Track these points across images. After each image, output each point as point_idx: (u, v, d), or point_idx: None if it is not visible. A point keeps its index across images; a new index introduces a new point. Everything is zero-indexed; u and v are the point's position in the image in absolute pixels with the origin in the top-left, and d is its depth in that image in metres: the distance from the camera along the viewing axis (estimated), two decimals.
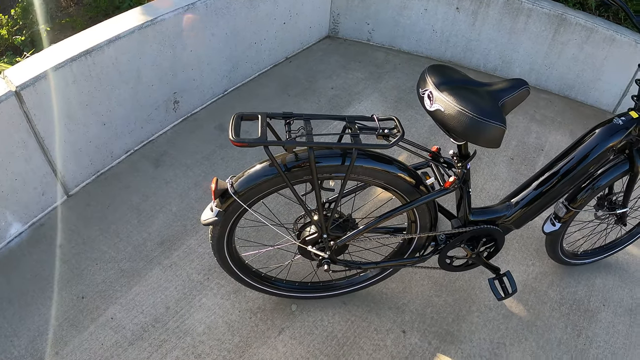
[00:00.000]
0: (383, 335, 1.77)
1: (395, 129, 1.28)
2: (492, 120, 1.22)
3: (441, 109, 1.24)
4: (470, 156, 1.43)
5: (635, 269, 2.12)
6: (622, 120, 1.50)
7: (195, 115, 2.61)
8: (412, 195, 1.44)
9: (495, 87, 1.32)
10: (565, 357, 1.80)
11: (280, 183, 1.31)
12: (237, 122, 1.20)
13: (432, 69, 1.33)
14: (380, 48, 3.34)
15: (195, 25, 2.31)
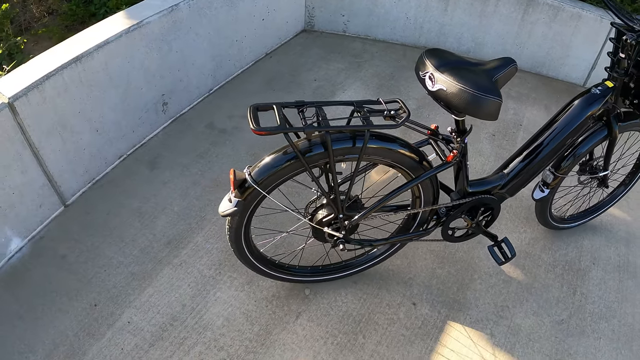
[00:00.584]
0: (395, 309, 1.85)
1: (401, 109, 1.35)
2: (490, 95, 1.31)
3: (443, 88, 1.33)
4: (468, 131, 1.52)
5: (618, 228, 2.28)
6: (599, 90, 1.63)
7: (184, 116, 2.62)
8: (417, 171, 1.52)
9: (488, 66, 1.42)
10: (565, 314, 1.92)
11: (296, 169, 1.37)
12: (254, 113, 1.24)
13: (430, 52, 1.42)
14: (356, 38, 3.42)
15: (180, 26, 2.32)
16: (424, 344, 1.77)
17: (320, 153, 1.34)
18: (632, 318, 1.94)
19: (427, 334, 1.80)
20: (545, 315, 1.91)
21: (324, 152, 1.34)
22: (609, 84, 1.63)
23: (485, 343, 1.80)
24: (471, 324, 1.85)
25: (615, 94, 1.64)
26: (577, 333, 1.87)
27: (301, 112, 1.30)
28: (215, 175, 2.31)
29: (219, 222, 2.09)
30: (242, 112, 2.68)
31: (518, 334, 1.84)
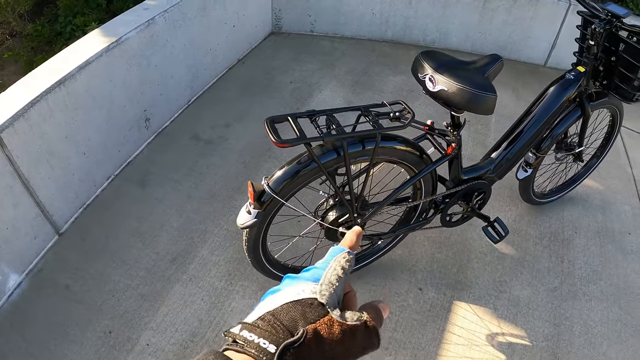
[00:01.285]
0: (404, 296, 1.94)
1: (404, 110, 1.43)
2: (488, 92, 1.41)
3: (445, 89, 1.42)
4: (462, 125, 1.62)
5: (593, 197, 2.47)
6: (573, 75, 1.77)
7: (166, 130, 2.59)
8: (419, 166, 1.60)
9: (479, 64, 1.52)
10: (557, 282, 2.08)
11: (313, 175, 1.41)
12: (272, 125, 1.27)
13: (426, 55, 1.50)
14: (324, 37, 3.47)
15: (157, 40, 2.30)
16: (435, 325, 1.86)
17: (335, 158, 1.39)
18: (616, 278, 2.12)
19: (437, 316, 1.90)
20: (539, 285, 2.05)
21: (337, 157, 1.39)
22: (580, 69, 1.77)
23: (490, 317, 1.92)
24: (475, 301, 1.97)
25: (587, 77, 1.78)
26: (570, 297, 2.03)
27: (314, 121, 1.35)
28: (208, 187, 2.31)
29: (221, 233, 2.11)
30: (224, 121, 2.69)
31: (518, 304, 1.97)
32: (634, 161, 2.75)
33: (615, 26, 1.67)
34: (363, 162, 1.48)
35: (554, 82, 1.81)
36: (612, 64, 1.75)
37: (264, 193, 1.40)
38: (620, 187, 2.56)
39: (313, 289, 0.44)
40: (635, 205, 2.47)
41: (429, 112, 2.90)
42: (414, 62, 1.53)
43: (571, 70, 1.79)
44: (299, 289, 0.44)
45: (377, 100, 2.89)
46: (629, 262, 2.20)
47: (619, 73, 1.74)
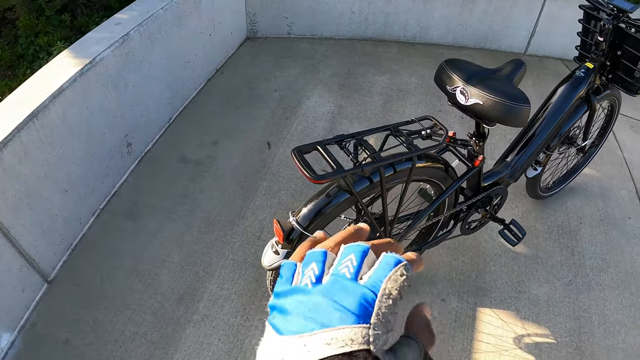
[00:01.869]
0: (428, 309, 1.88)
1: (435, 126, 1.34)
2: (523, 104, 1.34)
3: (480, 103, 1.34)
4: (487, 135, 1.55)
5: (592, 185, 2.49)
6: (583, 72, 1.74)
7: (150, 154, 2.40)
8: (446, 181, 1.53)
9: (505, 71, 1.45)
10: (571, 275, 2.07)
11: (346, 207, 1.31)
12: (301, 158, 1.15)
13: (452, 65, 1.41)
14: (302, 39, 3.33)
15: (133, 57, 2.10)
16: (463, 336, 1.81)
17: (368, 186, 1.29)
18: (624, 264, 2.15)
19: (464, 325, 1.85)
20: (555, 281, 2.04)
21: (370, 184, 1.29)
22: (589, 65, 1.74)
23: (513, 319, 1.89)
24: (497, 305, 1.93)
25: (595, 73, 1.76)
26: (585, 289, 2.03)
27: (344, 147, 1.24)
28: (205, 213, 2.15)
29: (227, 264, 1.97)
30: (211, 138, 2.52)
31: (538, 303, 1.96)
32: (623, 144, 2.80)
33: (623, 21, 1.65)
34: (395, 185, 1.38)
35: (564, 81, 1.78)
36: (617, 57, 1.73)
37: (293, 231, 1.28)
38: (614, 172, 2.60)
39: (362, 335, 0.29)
40: (631, 189, 2.51)
41: (423, 112, 2.84)
42: (439, 73, 1.44)
43: (580, 67, 1.76)
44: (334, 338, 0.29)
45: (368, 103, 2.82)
46: (632, 247, 2.23)
47: (624, 67, 1.73)
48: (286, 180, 2.35)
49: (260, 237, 2.07)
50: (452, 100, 1.43)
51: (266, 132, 2.59)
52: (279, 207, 2.21)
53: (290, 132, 2.60)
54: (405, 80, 3.11)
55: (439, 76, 1.45)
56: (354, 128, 2.68)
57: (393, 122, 2.70)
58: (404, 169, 1.33)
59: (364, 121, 2.74)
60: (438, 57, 3.40)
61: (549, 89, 3.09)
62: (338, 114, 2.78)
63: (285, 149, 2.51)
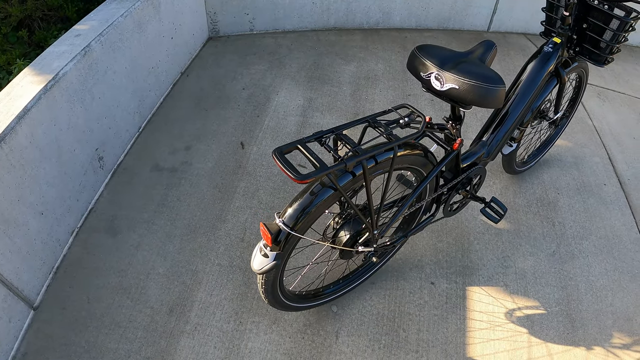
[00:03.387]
0: (419, 294, 1.90)
1: (413, 114, 1.34)
2: (498, 85, 1.35)
3: (455, 87, 1.34)
4: (463, 117, 1.56)
5: (566, 155, 2.54)
6: (550, 48, 1.76)
7: (123, 165, 2.34)
8: (426, 167, 1.53)
9: (477, 53, 1.46)
10: (554, 246, 2.12)
11: (331, 203, 1.30)
12: (283, 158, 1.14)
13: (423, 51, 1.41)
14: (265, 35, 3.29)
15: (97, 68, 2.04)
16: (456, 316, 1.84)
17: (351, 180, 1.28)
18: (604, 230, 2.21)
19: (455, 306, 1.88)
20: (539, 253, 2.09)
21: (353, 177, 1.28)
22: (556, 40, 1.77)
23: (503, 294, 1.93)
24: (486, 282, 1.97)
25: (563, 47, 1.79)
26: (569, 258, 2.08)
27: (324, 144, 1.23)
28: (186, 221, 2.12)
29: (213, 270, 1.94)
30: (184, 143, 2.47)
31: (525, 276, 2.00)
32: (592, 112, 2.87)
33: None
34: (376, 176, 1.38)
35: (532, 57, 1.81)
36: (583, 30, 1.76)
37: (280, 232, 1.27)
38: (585, 141, 2.67)
39: None
40: (603, 155, 2.58)
41: (393, 98, 2.85)
42: (412, 60, 1.44)
43: (547, 43, 1.79)
44: None
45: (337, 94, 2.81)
46: (611, 212, 2.29)
47: (590, 39, 1.76)
48: (264, 179, 2.32)
49: (244, 239, 2.05)
50: (427, 87, 1.43)
51: (238, 132, 2.56)
52: (259, 206, 2.19)
53: (262, 129, 2.57)
54: (373, 67, 3.11)
55: (411, 63, 1.45)
56: (326, 120, 2.67)
57: (364, 110, 2.71)
58: (385, 160, 1.33)
59: (335, 112, 2.73)
60: (402, 41, 3.41)
61: (515, 65, 3.16)
62: (309, 107, 2.76)
63: (259, 147, 2.48)
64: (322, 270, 1.91)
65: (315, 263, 1.75)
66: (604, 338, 1.83)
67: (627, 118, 2.92)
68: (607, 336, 1.84)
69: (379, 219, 1.44)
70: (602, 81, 3.22)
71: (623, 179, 2.48)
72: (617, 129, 2.81)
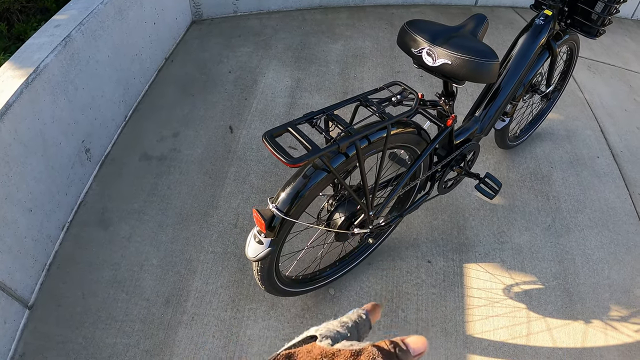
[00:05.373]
0: (416, 273, 1.90)
1: (405, 91, 1.31)
2: (491, 59, 1.32)
3: (448, 62, 1.31)
4: (455, 93, 1.53)
5: (558, 129, 2.53)
6: (542, 20, 1.73)
7: (111, 155, 2.29)
8: (420, 144, 1.51)
9: (468, 27, 1.42)
10: (549, 220, 2.12)
11: (324, 185, 1.28)
12: (273, 142, 1.11)
13: (414, 27, 1.37)
14: (250, 16, 3.21)
15: (79, 58, 1.97)
16: (454, 294, 1.85)
17: (344, 161, 1.26)
18: (598, 203, 2.21)
19: (453, 284, 1.88)
20: (534, 227, 2.09)
21: (347, 158, 1.26)
22: (548, 13, 1.73)
23: (500, 270, 1.94)
24: (482, 259, 1.97)
25: (554, 20, 1.76)
26: (565, 232, 2.09)
27: (315, 125, 1.20)
28: (177, 209, 2.09)
29: (208, 258, 1.92)
30: (171, 130, 2.42)
31: (521, 251, 2.00)
32: (583, 85, 2.86)
33: None
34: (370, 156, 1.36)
35: (524, 30, 1.77)
36: (574, 2, 1.73)
37: (274, 217, 1.25)
38: (577, 114, 2.65)
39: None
40: (595, 128, 2.58)
41: (382, 75, 2.80)
42: (402, 35, 1.40)
43: (538, 16, 1.76)
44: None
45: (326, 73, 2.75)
46: (604, 185, 2.30)
47: (581, 10, 1.73)
48: (254, 163, 2.29)
49: (237, 225, 2.03)
50: (418, 63, 1.40)
51: (226, 116, 2.51)
52: (250, 191, 2.16)
53: (251, 112, 2.53)
54: (360, 45, 3.06)
55: (402, 39, 1.41)
56: (315, 100, 2.62)
57: (353, 89, 2.66)
58: (378, 139, 1.30)
59: (324, 92, 2.69)
60: (389, 17, 3.35)
61: (504, 39, 3.12)
62: (297, 88, 2.71)
63: (249, 131, 2.44)
64: (318, 254, 1.89)
65: (311, 247, 1.73)
66: (601, 311, 1.85)
67: (618, 90, 2.91)
68: (604, 309, 1.86)
69: (374, 200, 1.41)
70: (592, 53, 3.19)
71: (616, 151, 2.48)
72: (608, 101, 2.79)
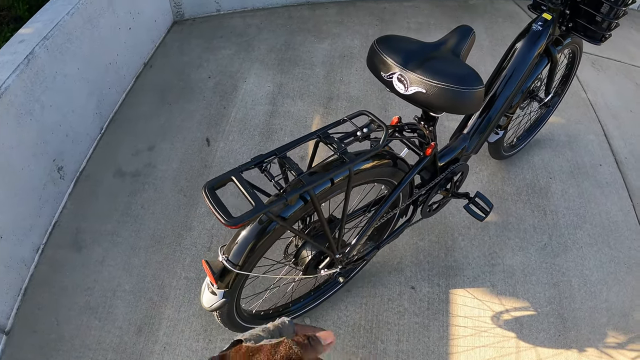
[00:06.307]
0: (398, 301, 1.80)
1: (372, 123, 1.18)
2: (475, 86, 1.18)
3: (422, 91, 1.16)
4: (437, 118, 1.40)
5: (558, 134, 2.36)
6: (540, 26, 1.56)
7: (85, 173, 2.21)
8: (396, 175, 1.39)
9: (450, 44, 1.27)
10: (545, 238, 1.99)
11: (280, 234, 1.17)
12: (214, 197, 0.99)
13: (384, 45, 1.22)
14: (234, 14, 3.06)
15: (44, 75, 1.87)
16: (438, 323, 1.74)
17: (301, 207, 1.14)
18: (599, 217, 2.07)
19: (437, 312, 1.77)
20: (529, 246, 1.96)
21: (304, 204, 1.14)
22: (547, 17, 1.57)
23: (490, 296, 1.82)
24: (471, 283, 1.85)
25: (554, 24, 1.59)
26: (561, 251, 1.96)
27: (265, 170, 1.08)
28: (151, 231, 2.00)
29: (180, 284, 1.84)
30: (147, 143, 2.31)
31: (514, 274, 1.88)
32: (586, 84, 2.67)
33: None
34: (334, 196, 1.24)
35: (520, 36, 1.61)
36: (576, 4, 1.56)
37: (226, 270, 1.15)
38: (579, 116, 2.48)
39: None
40: (599, 132, 2.41)
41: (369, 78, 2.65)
42: (371, 56, 1.25)
43: (536, 20, 1.59)
44: None
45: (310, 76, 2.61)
46: (607, 196, 2.15)
47: (585, 13, 1.56)
48: None
49: (211, 248, 1.94)
50: (390, 89, 1.26)
51: (203, 127, 2.40)
52: None
53: (229, 122, 2.41)
54: (348, 44, 2.90)
55: (371, 61, 1.26)
56: (298, 107, 2.49)
57: (338, 94, 2.52)
58: (341, 179, 1.19)
59: (307, 97, 2.55)
60: (380, 13, 3.17)
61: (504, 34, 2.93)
62: (278, 94, 2.58)
63: (226, 143, 2.32)
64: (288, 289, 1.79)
65: (277, 286, 1.62)
66: (597, 338, 1.73)
67: (623, 88, 2.71)
68: (601, 335, 1.74)
69: (340, 240, 1.30)
70: (596, 48, 2.98)
71: (620, 157, 2.31)
72: (612, 101, 2.61)
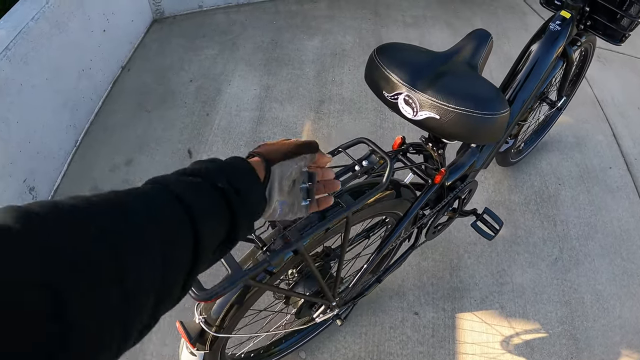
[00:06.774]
0: (401, 328, 1.66)
1: (373, 154, 1.01)
2: (499, 111, 0.99)
3: (435, 117, 0.97)
4: None
5: (565, 135, 2.22)
6: (558, 25, 1.40)
7: (60, 191, 2.02)
8: (401, 206, 1.23)
9: (464, 53, 1.08)
10: (556, 251, 1.86)
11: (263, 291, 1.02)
12: None
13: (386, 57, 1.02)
14: (217, 11, 2.85)
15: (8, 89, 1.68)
16: (444, 351, 1.61)
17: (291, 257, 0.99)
18: (611, 225, 1.94)
19: (443, 339, 1.64)
20: (539, 262, 1.83)
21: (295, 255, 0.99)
22: (565, 15, 1.41)
23: (498, 319, 1.69)
24: (478, 306, 1.72)
25: (573, 23, 1.43)
26: (573, 265, 1.83)
27: None
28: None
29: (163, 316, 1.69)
30: (124, 156, 2.11)
31: (524, 293, 1.75)
32: (592, 80, 2.52)
33: None
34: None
35: (536, 37, 1.44)
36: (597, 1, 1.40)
37: (203, 332, 1.00)
38: (586, 115, 2.33)
39: None
40: (607, 132, 2.26)
41: None
42: (370, 70, 1.05)
43: (553, 18, 1.42)
44: None
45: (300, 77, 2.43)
46: (618, 202, 2.01)
47: (605, 11, 1.40)
48: None
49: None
50: (395, 111, 1.08)
51: (184, 137, 2.21)
52: None
53: (212, 131, 2.22)
54: (340, 41, 2.71)
55: (370, 76, 1.06)
56: (287, 112, 2.30)
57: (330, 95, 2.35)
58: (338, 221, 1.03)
59: (297, 100, 2.37)
60: (374, 5, 2.97)
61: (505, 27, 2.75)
62: (266, 97, 2.39)
63: (209, 154, 2.14)
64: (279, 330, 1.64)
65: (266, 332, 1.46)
66: (611, 358, 1.62)
67: (631, 84, 2.56)
68: (614, 355, 1.63)
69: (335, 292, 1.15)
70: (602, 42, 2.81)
71: (629, 158, 2.17)
72: (620, 98, 2.46)
